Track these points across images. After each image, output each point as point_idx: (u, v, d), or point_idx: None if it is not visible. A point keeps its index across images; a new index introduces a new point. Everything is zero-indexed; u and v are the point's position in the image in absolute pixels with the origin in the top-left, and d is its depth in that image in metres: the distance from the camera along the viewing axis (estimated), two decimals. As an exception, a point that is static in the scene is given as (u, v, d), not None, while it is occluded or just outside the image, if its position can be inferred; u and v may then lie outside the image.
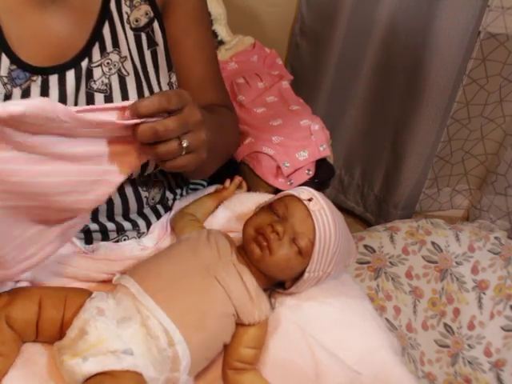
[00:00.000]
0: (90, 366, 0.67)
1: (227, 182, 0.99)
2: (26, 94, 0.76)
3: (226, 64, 1.38)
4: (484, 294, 1.50)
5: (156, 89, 0.86)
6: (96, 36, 0.80)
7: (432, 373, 1.41)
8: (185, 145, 0.67)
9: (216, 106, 0.94)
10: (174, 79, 0.89)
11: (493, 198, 1.95)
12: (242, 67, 1.37)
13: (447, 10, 1.47)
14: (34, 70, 0.76)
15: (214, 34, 1.39)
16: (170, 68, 0.88)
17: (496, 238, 1.59)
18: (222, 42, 1.40)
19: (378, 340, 0.81)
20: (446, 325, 1.48)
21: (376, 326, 0.83)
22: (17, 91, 0.76)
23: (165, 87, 0.88)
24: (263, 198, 0.95)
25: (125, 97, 0.82)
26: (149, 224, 0.93)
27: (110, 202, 0.87)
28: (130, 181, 0.88)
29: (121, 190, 0.87)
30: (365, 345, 0.80)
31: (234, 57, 1.39)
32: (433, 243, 1.55)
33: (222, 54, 1.39)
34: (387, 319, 1.42)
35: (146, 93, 0.84)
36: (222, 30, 1.39)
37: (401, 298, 1.47)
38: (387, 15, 1.59)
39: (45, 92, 0.77)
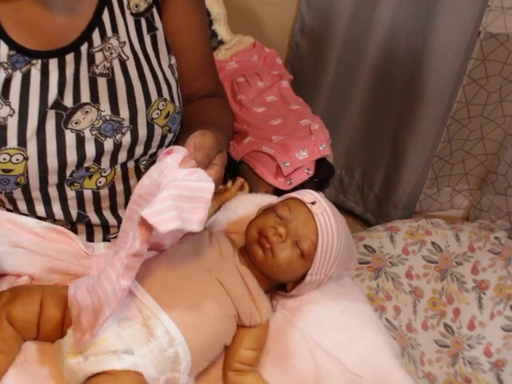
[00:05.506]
0: (91, 365, 0.67)
1: (229, 183, 0.99)
2: (26, 77, 0.77)
3: (225, 63, 1.37)
4: (484, 294, 1.50)
5: (158, 71, 0.87)
6: (95, 22, 0.81)
7: (432, 373, 1.41)
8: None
9: (212, 102, 0.99)
10: (173, 61, 0.91)
11: (493, 198, 1.95)
12: (242, 66, 1.37)
13: (447, 9, 1.47)
14: (32, 54, 0.77)
15: (214, 34, 1.39)
16: (169, 51, 0.90)
17: (496, 238, 1.59)
18: (221, 42, 1.40)
19: (379, 343, 0.80)
20: (446, 325, 1.48)
21: (376, 329, 0.82)
22: (17, 74, 0.77)
23: (166, 69, 0.89)
24: (265, 199, 0.95)
25: (127, 79, 0.84)
26: None
27: (112, 192, 0.88)
28: (135, 172, 0.89)
29: (125, 181, 0.89)
30: (365, 348, 0.79)
31: (234, 56, 1.39)
32: (433, 243, 1.55)
33: (222, 54, 1.39)
34: (387, 319, 1.41)
35: (148, 75, 0.86)
36: (221, 29, 1.39)
37: (401, 297, 1.46)
38: (387, 15, 1.59)
39: (45, 75, 0.78)
